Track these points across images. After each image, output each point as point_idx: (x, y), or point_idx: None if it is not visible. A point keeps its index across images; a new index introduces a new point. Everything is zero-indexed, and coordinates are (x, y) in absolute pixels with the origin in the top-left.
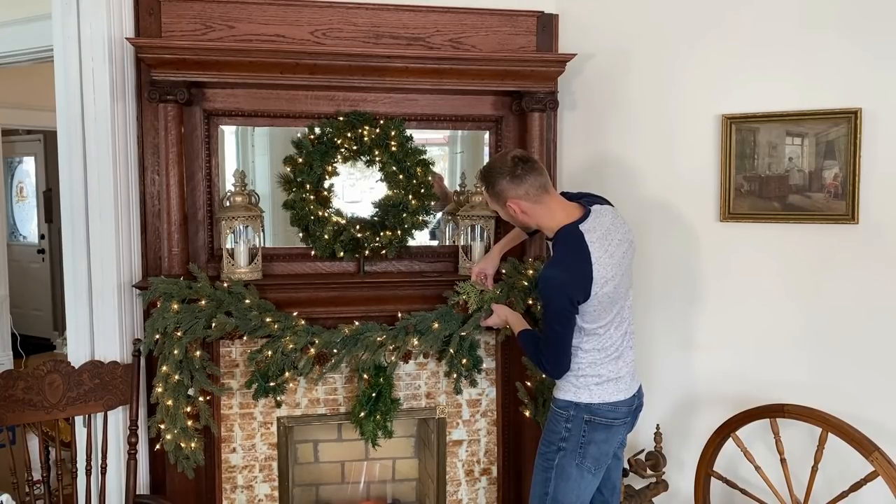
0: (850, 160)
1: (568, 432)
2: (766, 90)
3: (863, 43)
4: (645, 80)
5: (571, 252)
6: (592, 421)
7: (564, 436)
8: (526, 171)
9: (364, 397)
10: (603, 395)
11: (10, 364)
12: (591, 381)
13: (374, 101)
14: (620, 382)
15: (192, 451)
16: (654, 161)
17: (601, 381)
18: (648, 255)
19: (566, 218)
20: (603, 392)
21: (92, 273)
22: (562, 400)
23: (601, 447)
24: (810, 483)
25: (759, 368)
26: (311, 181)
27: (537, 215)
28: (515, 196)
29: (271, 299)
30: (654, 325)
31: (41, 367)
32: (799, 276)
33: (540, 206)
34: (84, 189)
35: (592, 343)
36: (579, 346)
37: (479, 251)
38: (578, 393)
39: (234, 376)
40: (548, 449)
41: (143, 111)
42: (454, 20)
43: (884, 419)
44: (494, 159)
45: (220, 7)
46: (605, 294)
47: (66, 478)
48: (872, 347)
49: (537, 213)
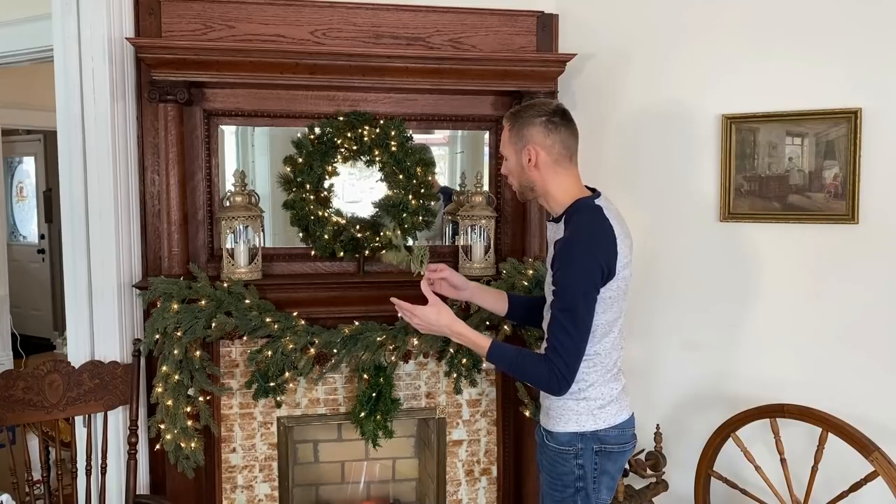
0: (850, 160)
1: (581, 469)
2: (766, 90)
3: (863, 43)
4: (645, 80)
5: (594, 223)
6: (603, 451)
7: (579, 474)
8: (563, 124)
9: (364, 397)
10: (608, 418)
11: (10, 364)
12: (594, 404)
13: (374, 101)
14: (621, 401)
15: (192, 451)
16: (655, 161)
17: (604, 403)
18: (648, 255)
19: (579, 192)
20: (607, 415)
21: (92, 273)
22: (563, 433)
23: (615, 477)
24: (810, 483)
25: (759, 368)
26: (311, 181)
27: (548, 178)
28: (540, 143)
29: (271, 299)
30: (654, 325)
31: (41, 367)
32: (799, 276)
33: (557, 169)
34: (84, 189)
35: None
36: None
37: (479, 251)
38: (582, 420)
39: (234, 376)
40: (562, 494)
41: (143, 111)
42: (454, 20)
43: (884, 419)
44: (535, 101)
45: (220, 7)
46: (624, 279)
47: (66, 478)
48: (872, 347)
49: (549, 177)
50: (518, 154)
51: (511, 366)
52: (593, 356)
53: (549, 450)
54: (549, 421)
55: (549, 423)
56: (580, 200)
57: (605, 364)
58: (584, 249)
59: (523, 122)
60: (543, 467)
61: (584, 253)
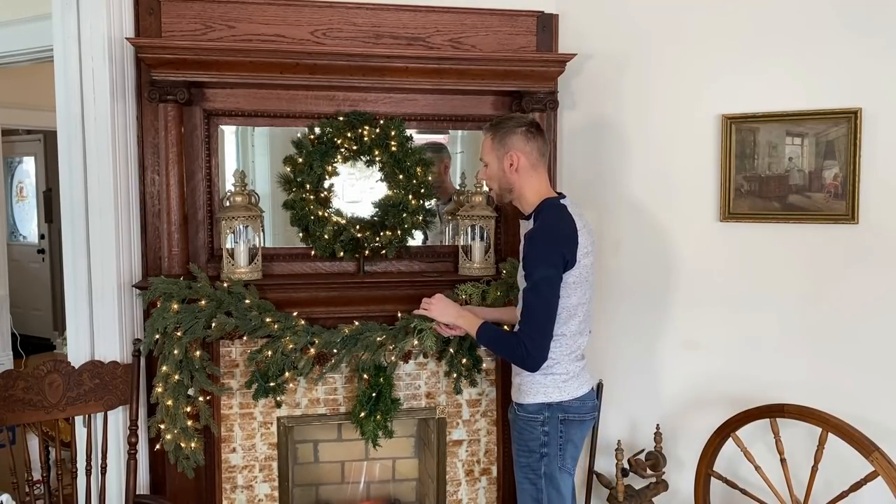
0: (850, 160)
1: (546, 436)
2: (766, 90)
3: (863, 42)
4: (645, 80)
5: (557, 217)
6: (567, 419)
7: (544, 440)
8: (537, 134)
9: (364, 397)
10: (571, 390)
11: (10, 364)
12: (559, 378)
13: (374, 101)
14: (582, 377)
15: (192, 451)
16: (655, 161)
17: (568, 377)
18: (648, 255)
19: (548, 193)
20: (570, 388)
21: (92, 273)
22: (532, 404)
23: (577, 445)
24: (810, 483)
25: (759, 368)
26: (311, 181)
27: (526, 180)
28: (521, 150)
29: (271, 299)
30: (654, 324)
31: (41, 367)
32: (799, 276)
33: (533, 172)
34: (84, 189)
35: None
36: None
37: (479, 251)
38: (549, 392)
39: (234, 376)
40: (529, 459)
41: (143, 111)
42: (454, 20)
43: (884, 419)
44: (512, 114)
45: (220, 7)
46: (585, 267)
47: (66, 478)
48: (872, 347)
49: (526, 178)
50: (500, 160)
51: (492, 343)
52: (560, 337)
53: (519, 420)
54: (521, 395)
55: (520, 397)
56: (547, 200)
57: (569, 345)
58: (548, 239)
59: (506, 132)
60: (514, 438)
61: (548, 241)
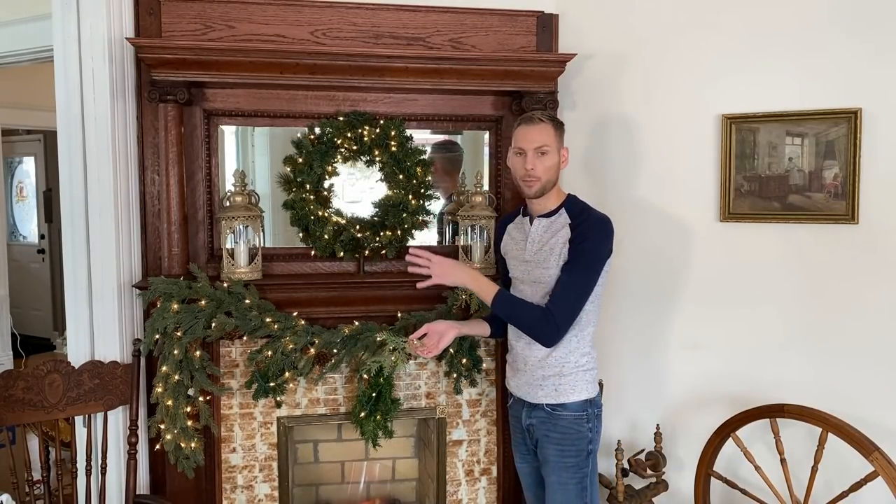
0: (850, 160)
1: (591, 433)
2: (766, 90)
3: (863, 42)
4: (645, 80)
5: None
6: (599, 415)
7: (590, 437)
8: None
9: (364, 397)
10: (596, 385)
11: (10, 364)
12: (592, 373)
13: (374, 101)
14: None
15: (192, 451)
16: (654, 161)
17: (596, 371)
18: (648, 256)
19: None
20: (596, 382)
21: (92, 273)
22: (576, 402)
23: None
24: (810, 483)
25: (759, 368)
26: (311, 181)
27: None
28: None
29: (271, 299)
30: (654, 324)
31: (41, 367)
32: (799, 276)
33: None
34: (84, 189)
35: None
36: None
37: (479, 251)
38: (589, 388)
39: (234, 376)
40: (577, 458)
41: (143, 111)
42: (454, 20)
43: (884, 419)
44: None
45: (220, 7)
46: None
47: (66, 478)
48: (872, 347)
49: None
50: (559, 151)
51: (514, 310)
52: (589, 327)
53: (562, 420)
54: (561, 395)
55: (561, 397)
56: (571, 196)
57: (594, 337)
58: (608, 227)
59: (562, 127)
60: (552, 440)
61: (608, 230)
